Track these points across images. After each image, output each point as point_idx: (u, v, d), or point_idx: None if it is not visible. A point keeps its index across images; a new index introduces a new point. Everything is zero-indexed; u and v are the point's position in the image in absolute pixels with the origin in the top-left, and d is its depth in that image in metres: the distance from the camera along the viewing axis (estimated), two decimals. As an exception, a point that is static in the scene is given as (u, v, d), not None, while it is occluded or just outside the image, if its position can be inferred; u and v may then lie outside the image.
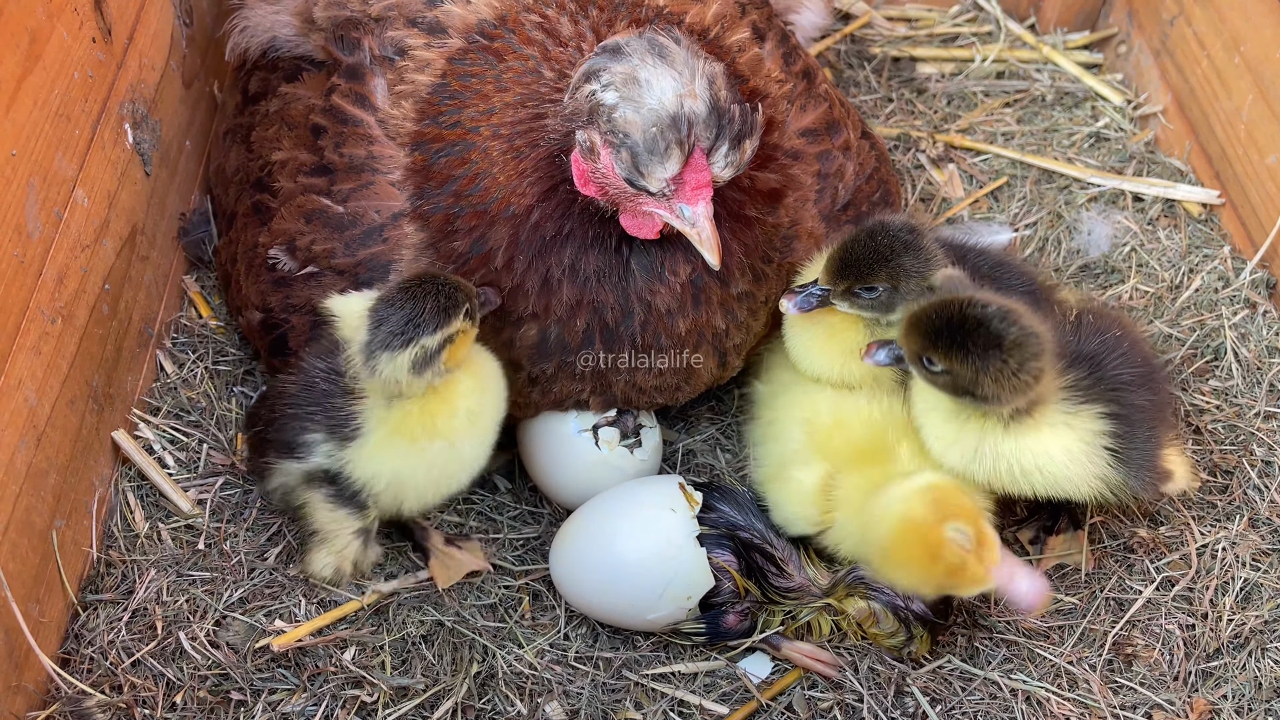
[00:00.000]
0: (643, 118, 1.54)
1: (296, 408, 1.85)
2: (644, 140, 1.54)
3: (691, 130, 1.54)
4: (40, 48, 1.84)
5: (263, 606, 1.95)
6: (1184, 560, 2.05)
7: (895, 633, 1.87)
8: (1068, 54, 2.96)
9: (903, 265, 1.81)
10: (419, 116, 1.89)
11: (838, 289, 1.85)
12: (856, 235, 1.85)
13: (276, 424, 1.87)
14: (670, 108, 1.54)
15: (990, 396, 1.68)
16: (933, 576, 1.71)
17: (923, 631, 1.87)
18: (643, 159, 1.56)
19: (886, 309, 1.87)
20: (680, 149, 1.55)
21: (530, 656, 1.93)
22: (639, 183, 1.59)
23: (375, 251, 1.94)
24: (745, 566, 1.89)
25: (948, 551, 1.67)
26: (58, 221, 1.89)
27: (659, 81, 1.55)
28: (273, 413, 1.89)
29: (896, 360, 1.77)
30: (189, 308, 2.36)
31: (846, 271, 1.83)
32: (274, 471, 1.89)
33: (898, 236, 1.83)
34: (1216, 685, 1.92)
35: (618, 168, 1.59)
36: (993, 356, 1.63)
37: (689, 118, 1.54)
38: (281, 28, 2.14)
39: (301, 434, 1.84)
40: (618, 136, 1.56)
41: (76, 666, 1.85)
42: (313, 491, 1.87)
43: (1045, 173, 2.70)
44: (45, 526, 1.84)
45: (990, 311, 1.65)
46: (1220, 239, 2.53)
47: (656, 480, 2.03)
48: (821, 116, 2.09)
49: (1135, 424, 1.78)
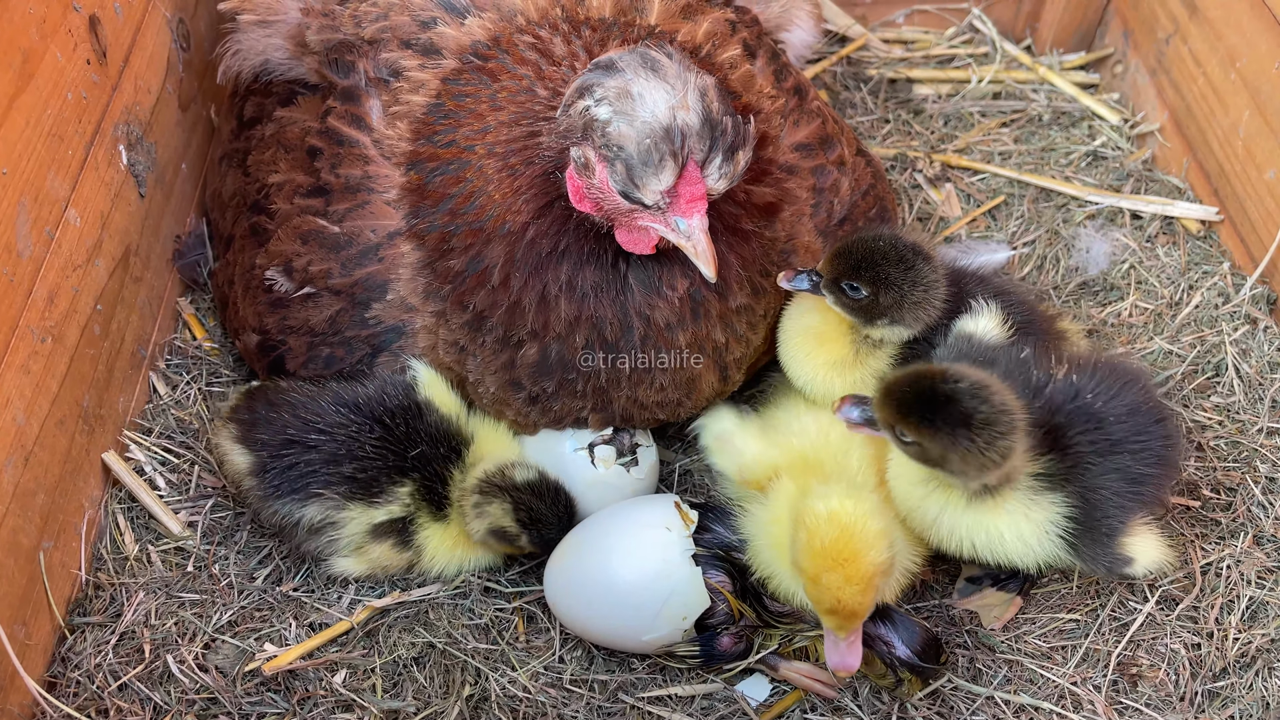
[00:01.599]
0: (636, 130, 1.54)
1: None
2: (638, 152, 1.54)
3: (685, 142, 1.54)
4: (33, 67, 1.85)
5: (253, 630, 1.93)
6: (1188, 578, 2.02)
7: (884, 675, 1.84)
8: (1064, 74, 2.96)
9: (888, 275, 1.81)
10: (414, 136, 1.89)
11: (828, 277, 1.86)
12: (864, 233, 1.87)
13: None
14: (663, 120, 1.54)
15: (957, 472, 1.66)
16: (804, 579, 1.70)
17: (909, 675, 1.83)
18: (637, 171, 1.55)
19: (866, 317, 1.87)
20: (674, 160, 1.54)
21: (524, 679, 1.90)
22: (634, 195, 1.58)
23: (371, 271, 1.93)
24: (740, 589, 1.86)
25: (822, 592, 1.66)
26: (49, 241, 1.88)
27: (652, 94, 1.55)
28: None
29: (868, 423, 1.72)
30: (183, 330, 2.35)
31: (838, 261, 1.85)
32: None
33: (898, 247, 1.85)
34: (1223, 706, 1.88)
35: (612, 181, 1.59)
36: (961, 435, 1.60)
37: (682, 129, 1.54)
38: (274, 51, 2.15)
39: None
40: (612, 150, 1.56)
41: (63, 690, 1.83)
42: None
43: (1043, 191, 2.69)
44: (33, 547, 1.82)
45: (962, 388, 1.62)
46: (1220, 255, 2.51)
47: (652, 499, 2.00)
48: (815, 131, 2.09)
49: (1099, 512, 1.73)
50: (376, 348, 1.96)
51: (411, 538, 1.94)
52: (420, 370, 1.95)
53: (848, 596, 1.63)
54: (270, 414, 1.92)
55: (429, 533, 1.94)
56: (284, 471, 1.88)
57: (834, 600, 1.64)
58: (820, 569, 1.64)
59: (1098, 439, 1.75)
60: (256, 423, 1.92)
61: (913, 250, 1.86)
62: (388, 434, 1.91)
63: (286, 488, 1.88)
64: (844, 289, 1.86)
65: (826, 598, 1.65)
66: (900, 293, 1.84)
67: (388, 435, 1.91)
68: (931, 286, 1.87)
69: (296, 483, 1.88)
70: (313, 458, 1.88)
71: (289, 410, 1.91)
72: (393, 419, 1.91)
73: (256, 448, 1.91)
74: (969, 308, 1.92)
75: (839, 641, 1.70)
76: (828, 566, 1.63)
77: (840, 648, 1.70)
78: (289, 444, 1.89)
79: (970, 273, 2.09)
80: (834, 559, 1.63)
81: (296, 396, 1.93)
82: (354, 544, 1.92)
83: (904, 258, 1.85)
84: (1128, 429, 1.77)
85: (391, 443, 1.91)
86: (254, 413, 1.94)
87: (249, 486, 1.92)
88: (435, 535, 1.95)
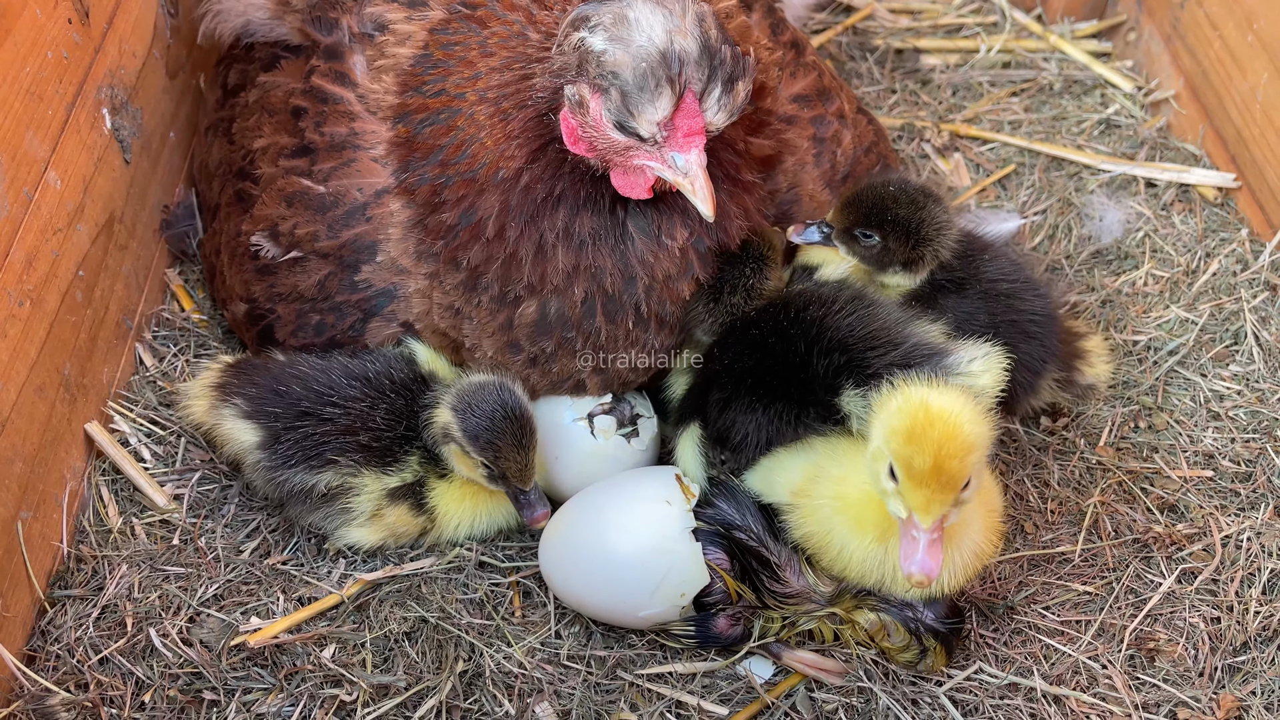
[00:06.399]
0: (632, 55, 1.49)
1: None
2: (634, 78, 1.49)
3: (683, 69, 1.49)
4: (10, 22, 1.79)
5: (239, 603, 1.87)
6: (1206, 551, 1.95)
7: (908, 646, 1.77)
8: (1076, 43, 2.89)
9: (900, 219, 1.78)
10: (401, 89, 1.84)
11: (839, 227, 1.83)
12: (872, 181, 1.85)
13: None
14: (660, 43, 1.48)
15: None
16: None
17: (935, 644, 1.77)
18: (633, 98, 1.50)
19: (879, 264, 1.83)
20: (671, 87, 1.49)
21: (520, 655, 1.83)
22: (629, 125, 1.53)
23: (359, 231, 1.87)
24: (739, 569, 1.79)
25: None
26: (27, 202, 1.82)
27: (649, 19, 1.50)
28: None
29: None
30: (171, 301, 2.30)
31: (849, 210, 1.82)
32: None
33: (908, 191, 1.82)
34: (1244, 681, 1.81)
35: (606, 113, 1.54)
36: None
37: (680, 55, 1.48)
38: (255, 11, 2.10)
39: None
40: (606, 78, 1.51)
41: (42, 664, 1.77)
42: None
43: (1054, 160, 2.62)
44: (9, 517, 1.76)
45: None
46: (1237, 222, 2.44)
47: (652, 472, 1.94)
48: (812, 84, 2.05)
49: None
50: (368, 312, 1.90)
51: (425, 500, 1.90)
52: (418, 348, 1.93)
53: (946, 455, 1.50)
54: (278, 388, 1.89)
55: (439, 491, 1.90)
56: (298, 443, 1.85)
57: (930, 460, 1.50)
58: (918, 426, 1.51)
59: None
60: (265, 398, 1.88)
61: (922, 193, 1.83)
62: (393, 406, 1.89)
63: (300, 457, 1.85)
64: (857, 236, 1.84)
65: (921, 458, 1.51)
66: (916, 236, 1.81)
67: (393, 407, 1.89)
68: (944, 227, 1.84)
69: (310, 451, 1.85)
70: (328, 429, 1.86)
71: (300, 384, 1.89)
72: (397, 393, 1.90)
73: (269, 421, 1.87)
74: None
75: (919, 539, 1.54)
76: (928, 423, 1.51)
77: (920, 548, 1.54)
78: (303, 416, 1.87)
79: (982, 272, 1.96)
80: (932, 418, 1.52)
81: (304, 369, 1.90)
82: (370, 510, 1.88)
83: (914, 200, 1.82)
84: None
85: (397, 414, 1.89)
86: (257, 387, 1.90)
87: (254, 460, 1.88)
88: (445, 493, 1.91)
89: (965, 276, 1.89)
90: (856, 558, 1.68)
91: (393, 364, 1.92)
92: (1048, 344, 1.94)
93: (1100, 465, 2.07)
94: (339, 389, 1.88)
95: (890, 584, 1.69)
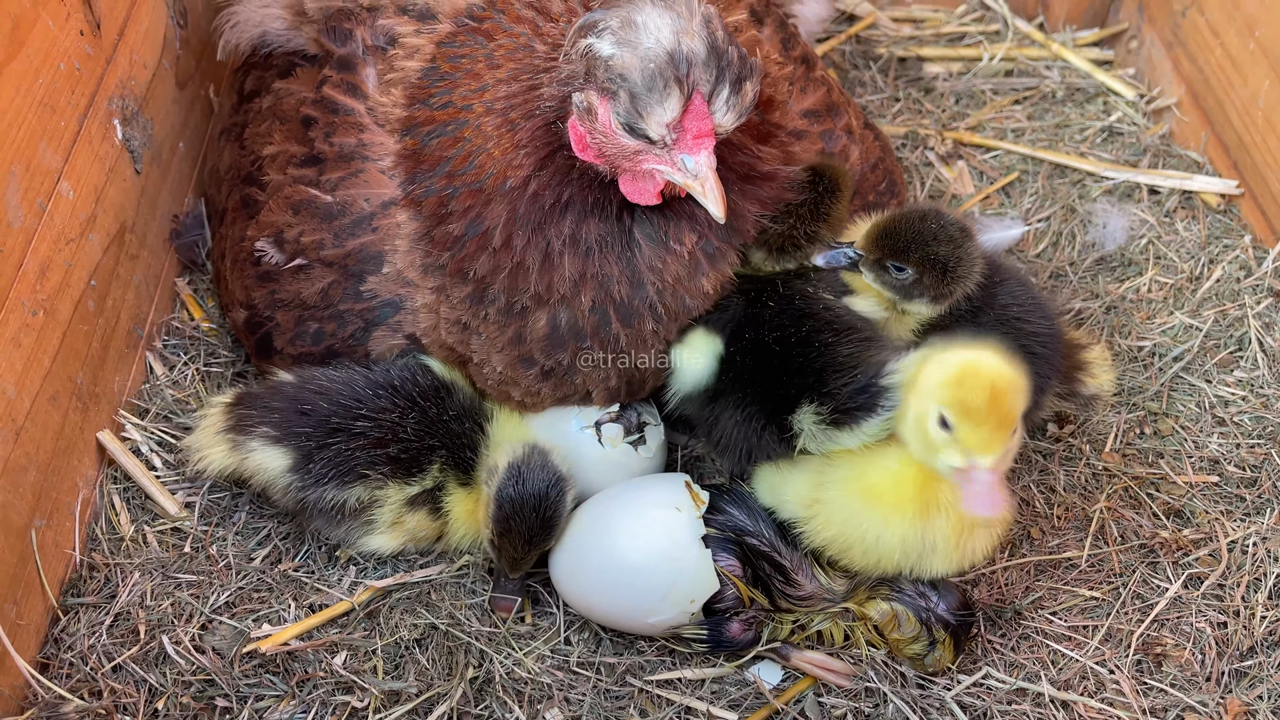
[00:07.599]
0: (640, 57, 1.49)
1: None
2: (642, 79, 1.49)
3: (691, 70, 1.49)
4: (24, 35, 1.80)
5: (251, 610, 1.88)
6: (1212, 556, 1.96)
7: (917, 637, 1.78)
8: (1077, 51, 2.90)
9: (937, 256, 1.79)
10: (409, 102, 1.85)
11: (870, 257, 1.83)
12: (908, 212, 1.84)
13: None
14: (668, 45, 1.49)
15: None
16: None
17: (945, 636, 1.77)
18: (641, 100, 1.50)
19: (906, 296, 1.83)
20: (679, 88, 1.49)
21: (529, 661, 1.84)
22: (638, 127, 1.53)
23: (365, 241, 1.88)
24: (751, 574, 1.80)
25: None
26: (40, 212, 1.84)
27: (656, 21, 1.50)
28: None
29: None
30: (181, 310, 2.31)
31: (884, 242, 1.82)
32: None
33: (946, 228, 1.81)
34: (1251, 685, 1.82)
35: (615, 116, 1.54)
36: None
37: (688, 56, 1.49)
38: (272, 21, 2.11)
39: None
40: (615, 81, 1.51)
41: (55, 671, 1.78)
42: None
43: (1057, 167, 2.63)
44: (23, 525, 1.77)
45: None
46: (1240, 229, 2.45)
47: (660, 479, 1.95)
48: (821, 99, 2.05)
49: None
50: (370, 322, 1.90)
51: (441, 504, 1.91)
52: (431, 362, 1.93)
53: (1000, 391, 1.55)
54: (302, 408, 1.87)
55: (454, 498, 1.90)
56: (331, 460, 1.84)
57: (986, 395, 1.55)
58: (967, 369, 1.58)
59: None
60: (290, 420, 1.87)
61: (960, 229, 1.82)
62: (423, 415, 1.89)
63: (334, 475, 1.84)
64: (888, 268, 1.83)
65: (976, 395, 1.55)
66: (949, 275, 1.81)
67: (423, 416, 1.89)
68: (977, 264, 1.84)
69: (343, 468, 1.84)
70: (360, 443, 1.85)
71: (324, 399, 1.87)
72: (426, 400, 1.90)
73: (299, 442, 1.85)
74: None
75: (981, 480, 1.56)
76: (976, 366, 1.58)
77: (983, 488, 1.56)
78: (334, 432, 1.86)
79: (992, 295, 1.97)
80: (978, 363, 1.59)
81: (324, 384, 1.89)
82: (390, 519, 1.89)
83: (952, 237, 1.81)
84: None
85: (426, 423, 1.89)
86: (279, 411, 1.88)
87: (285, 484, 1.86)
88: (459, 502, 1.90)
89: (981, 304, 1.89)
90: (893, 542, 1.71)
91: (416, 371, 1.91)
92: (1053, 362, 1.95)
93: (1106, 471, 2.08)
94: (367, 401, 1.86)
95: (928, 561, 1.73)
